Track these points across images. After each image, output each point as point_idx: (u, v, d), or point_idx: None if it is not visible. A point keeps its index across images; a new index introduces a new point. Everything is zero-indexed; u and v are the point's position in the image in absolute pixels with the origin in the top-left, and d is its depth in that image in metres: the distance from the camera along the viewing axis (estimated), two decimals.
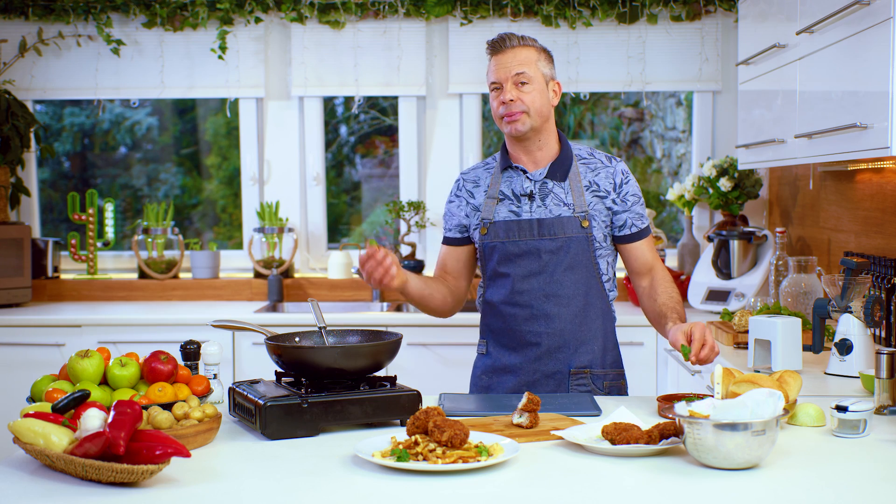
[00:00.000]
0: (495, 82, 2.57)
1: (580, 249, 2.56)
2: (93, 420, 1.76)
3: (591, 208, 2.58)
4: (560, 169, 2.60)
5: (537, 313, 2.58)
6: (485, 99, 4.92)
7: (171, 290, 4.75)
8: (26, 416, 1.86)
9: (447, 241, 2.76)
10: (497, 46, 2.58)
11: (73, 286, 4.76)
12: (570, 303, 2.58)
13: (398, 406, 2.12)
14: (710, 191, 4.43)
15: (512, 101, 2.53)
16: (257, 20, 4.70)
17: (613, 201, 2.60)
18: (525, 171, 2.61)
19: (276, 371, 2.28)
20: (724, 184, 4.35)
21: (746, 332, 3.21)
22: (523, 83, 2.54)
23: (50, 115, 5.23)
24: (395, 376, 2.23)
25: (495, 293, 2.63)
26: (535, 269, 2.57)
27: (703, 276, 4.30)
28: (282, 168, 4.87)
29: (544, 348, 2.59)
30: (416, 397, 2.14)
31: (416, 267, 4.74)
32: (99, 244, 4.89)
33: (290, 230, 4.80)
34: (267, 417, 2.02)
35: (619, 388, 2.66)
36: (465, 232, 2.70)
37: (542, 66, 2.57)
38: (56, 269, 4.80)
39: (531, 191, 2.59)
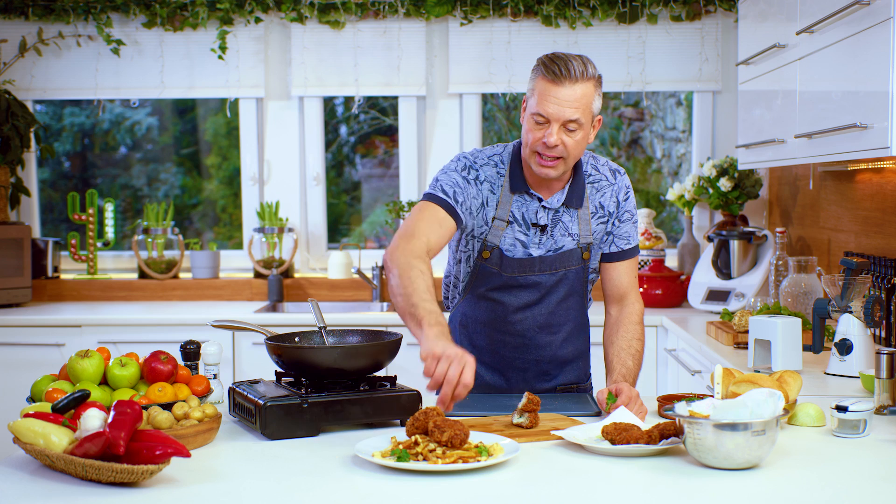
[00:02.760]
0: (542, 115, 2.26)
1: (577, 279, 2.48)
2: (93, 420, 1.76)
3: (594, 237, 2.46)
4: (576, 196, 2.42)
5: (529, 343, 2.49)
6: (485, 99, 4.92)
7: (171, 290, 4.75)
8: (26, 416, 1.86)
9: (449, 208, 2.36)
10: (556, 73, 2.24)
11: (73, 286, 4.76)
12: (561, 329, 2.51)
13: (398, 406, 2.12)
14: (710, 191, 4.43)
15: (556, 146, 2.27)
16: (257, 20, 4.70)
17: (612, 223, 2.48)
18: (540, 199, 2.40)
19: (276, 371, 2.28)
20: (724, 184, 4.35)
21: (746, 332, 3.21)
22: (572, 129, 2.27)
23: (50, 115, 5.22)
24: (395, 376, 2.23)
25: (484, 314, 2.50)
26: (533, 300, 2.46)
27: (703, 276, 4.30)
28: (282, 168, 4.87)
29: (532, 373, 2.52)
30: (416, 397, 2.14)
31: None
32: (99, 244, 4.89)
33: (290, 230, 4.80)
34: (267, 417, 2.02)
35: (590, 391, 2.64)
36: (465, 220, 2.40)
37: (595, 104, 2.30)
38: (56, 269, 4.80)
39: (545, 223, 2.41)
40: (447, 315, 2.58)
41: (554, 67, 2.25)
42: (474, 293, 2.50)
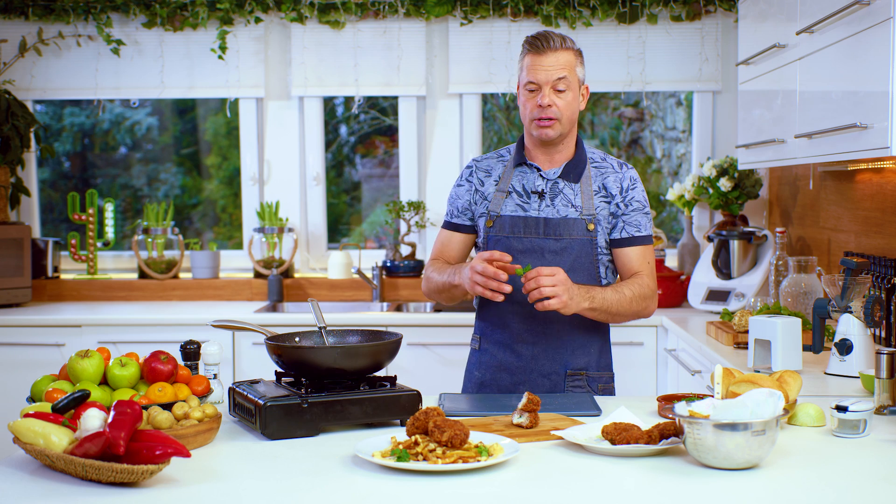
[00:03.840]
0: (533, 83, 2.52)
1: (583, 252, 2.55)
2: (93, 420, 1.76)
3: (597, 212, 2.57)
4: (574, 170, 2.59)
5: (535, 313, 2.55)
6: (485, 99, 4.92)
7: (171, 290, 4.75)
8: (26, 416, 1.86)
9: (452, 226, 2.72)
10: (539, 46, 2.52)
11: (73, 286, 4.76)
12: None
13: (398, 406, 2.12)
14: (710, 191, 4.43)
15: (549, 106, 2.51)
16: (257, 20, 4.70)
17: (617, 205, 2.58)
18: (539, 169, 2.60)
19: (276, 371, 2.28)
20: (724, 184, 4.35)
21: (746, 332, 3.21)
22: (561, 90, 2.51)
23: (50, 115, 5.23)
24: (395, 376, 2.23)
25: None
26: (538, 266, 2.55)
27: (703, 276, 4.30)
28: (282, 168, 4.87)
29: (540, 348, 2.57)
30: (416, 397, 2.14)
31: (416, 267, 4.74)
32: (99, 244, 4.89)
33: (290, 230, 4.80)
34: (267, 417, 2.02)
35: (610, 390, 2.65)
36: (470, 218, 2.68)
37: (578, 71, 2.56)
38: (56, 269, 4.80)
39: (542, 189, 2.58)
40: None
41: (536, 43, 2.53)
42: None
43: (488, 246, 2.62)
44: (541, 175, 2.60)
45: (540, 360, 2.58)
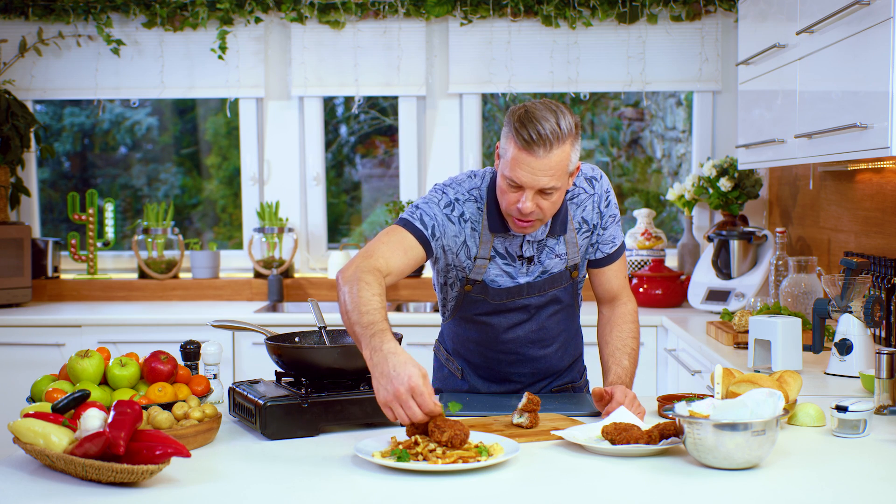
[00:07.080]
0: (515, 182, 2.14)
1: (566, 294, 2.44)
2: (93, 420, 1.76)
3: (580, 252, 2.40)
4: (559, 224, 2.34)
5: (522, 357, 2.47)
6: (485, 99, 4.92)
7: (171, 290, 4.75)
8: (26, 416, 1.86)
9: (419, 235, 2.25)
10: (529, 142, 2.09)
11: (73, 286, 4.76)
12: (554, 341, 2.48)
13: None
14: (710, 191, 4.43)
15: (531, 211, 2.17)
16: (257, 20, 4.70)
17: (598, 234, 2.41)
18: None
19: (276, 371, 2.28)
20: (724, 184, 4.35)
21: (746, 332, 3.21)
22: (548, 193, 2.16)
23: (50, 115, 5.22)
24: None
25: (476, 334, 2.46)
26: (523, 319, 2.43)
27: (703, 276, 4.30)
28: (282, 168, 4.87)
29: (528, 381, 2.52)
30: None
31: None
32: (99, 244, 4.89)
33: (290, 230, 4.80)
34: (267, 417, 2.02)
35: (587, 388, 2.64)
36: (441, 247, 2.31)
37: (571, 162, 2.16)
38: (56, 269, 4.80)
39: (531, 255, 2.34)
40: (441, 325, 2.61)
41: (525, 133, 2.09)
42: (463, 316, 2.46)
43: (463, 303, 2.42)
44: (527, 240, 2.32)
45: (528, 389, 2.52)
